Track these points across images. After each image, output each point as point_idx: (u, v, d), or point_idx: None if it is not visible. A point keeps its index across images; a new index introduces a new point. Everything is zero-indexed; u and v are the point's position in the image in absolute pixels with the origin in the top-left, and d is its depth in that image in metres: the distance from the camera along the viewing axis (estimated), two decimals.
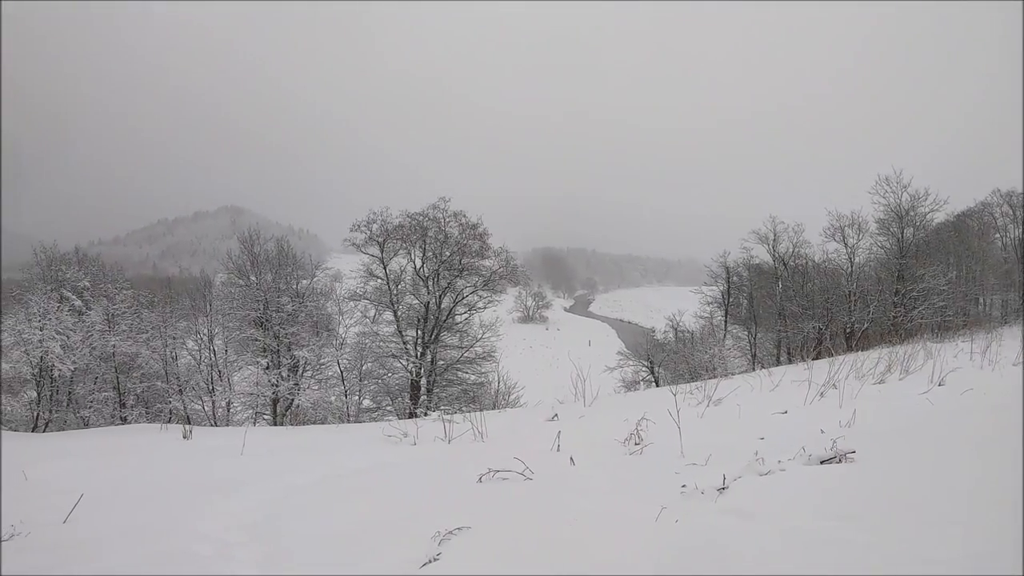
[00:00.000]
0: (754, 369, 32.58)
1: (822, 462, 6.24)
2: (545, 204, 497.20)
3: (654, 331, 59.42)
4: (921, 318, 33.65)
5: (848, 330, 36.22)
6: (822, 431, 7.84)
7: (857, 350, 27.98)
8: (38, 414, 31.31)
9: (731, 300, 45.72)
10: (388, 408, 35.40)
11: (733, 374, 28.31)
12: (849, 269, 37.64)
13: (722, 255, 45.84)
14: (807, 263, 40.79)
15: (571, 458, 8.36)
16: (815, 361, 23.84)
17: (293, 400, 33.02)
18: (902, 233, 37.13)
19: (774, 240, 41.58)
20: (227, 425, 32.38)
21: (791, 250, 41.32)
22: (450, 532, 5.61)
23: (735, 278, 45.48)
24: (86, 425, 31.30)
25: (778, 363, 36.11)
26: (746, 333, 41.66)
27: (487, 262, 36.12)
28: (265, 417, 34.03)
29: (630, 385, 40.08)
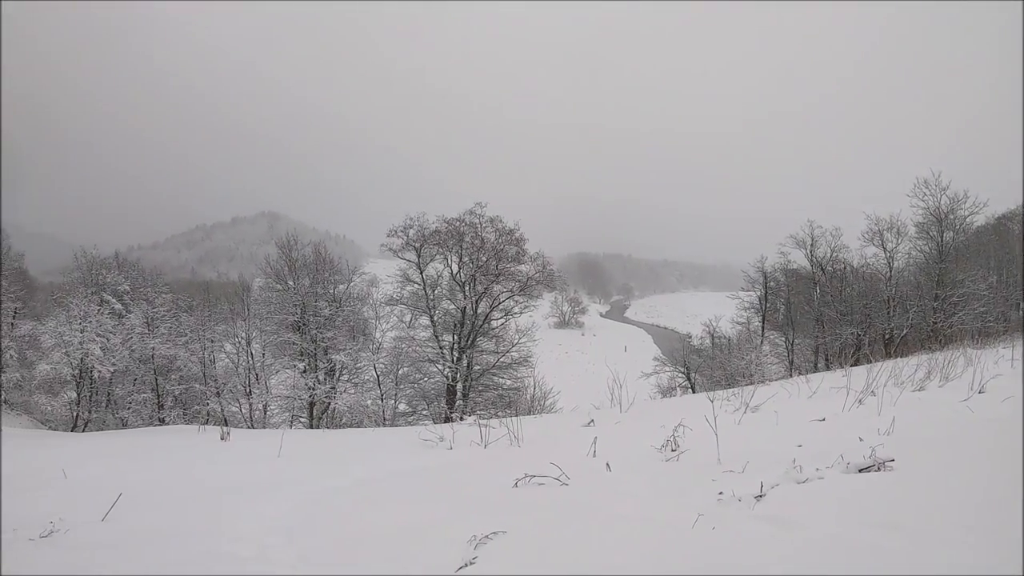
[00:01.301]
0: (791, 375, 32.29)
1: (861, 470, 6.17)
2: (581, 209, 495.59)
3: (690, 337, 59.14)
4: (961, 324, 33.16)
5: (887, 336, 35.79)
6: (860, 439, 7.75)
7: (896, 356, 27.68)
8: (77, 414, 31.75)
9: (768, 305, 45.30)
10: (424, 412, 35.47)
11: (770, 380, 28.10)
12: (888, 274, 37.12)
13: (759, 260, 45.47)
14: (845, 268, 40.33)
15: (607, 464, 8.34)
16: (853, 368, 23.58)
17: (329, 403, 33.17)
18: (941, 237, 36.59)
19: (812, 244, 41.14)
20: (264, 427, 32.61)
21: (829, 255, 40.86)
22: (486, 536, 5.61)
23: (772, 283, 45.06)
24: (124, 425, 31.70)
25: (816, 369, 35.76)
26: (783, 339, 41.29)
27: (523, 267, 36.07)
28: (301, 420, 34.24)
29: (666, 391, 39.88)
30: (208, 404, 34.21)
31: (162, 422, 32.59)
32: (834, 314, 37.11)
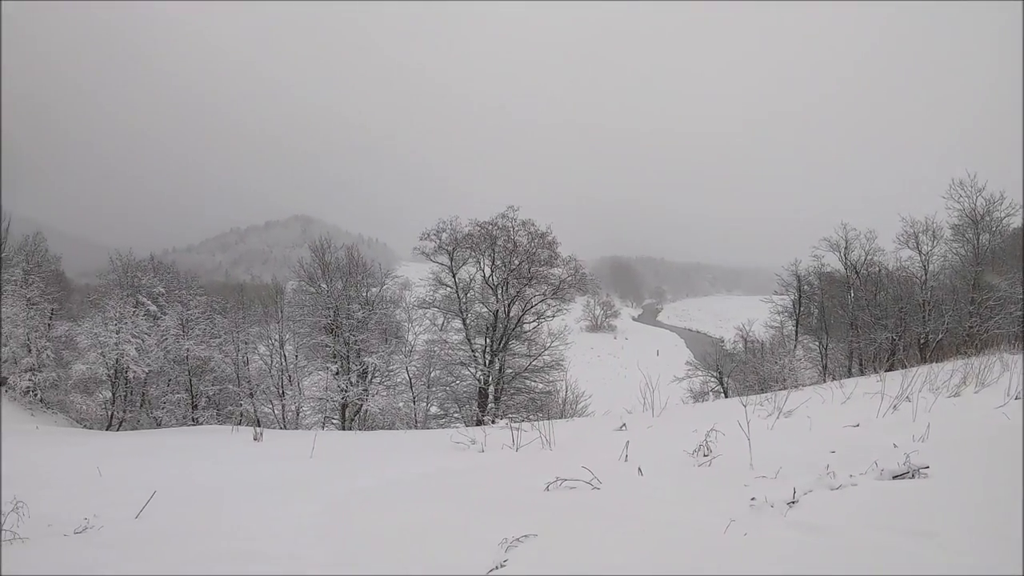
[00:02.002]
0: (825, 380, 32.02)
1: (895, 477, 6.13)
2: (613, 212, 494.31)
3: (723, 341, 58.78)
4: (997, 328, 32.71)
5: (922, 341, 35.38)
6: (895, 445, 7.68)
7: (931, 361, 27.37)
8: (112, 413, 32.12)
9: (802, 309, 44.92)
10: (455, 415, 35.52)
11: (803, 385, 27.91)
12: (923, 277, 36.65)
13: (793, 263, 45.10)
14: (880, 271, 39.90)
15: (639, 468, 8.32)
16: (888, 373, 23.37)
17: (362, 406, 33.32)
18: (977, 239, 36.06)
19: (845, 247, 40.68)
20: (296, 428, 32.79)
21: (863, 258, 40.40)
22: (517, 539, 5.62)
23: (806, 287, 44.65)
24: (158, 425, 32.04)
25: (849, 374, 35.41)
26: (817, 343, 40.94)
27: (556, 270, 36.02)
28: (333, 422, 34.41)
29: (698, 396, 39.66)
30: (241, 405, 34.46)
31: (196, 422, 32.89)
32: (868, 318, 36.68)
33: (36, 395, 32.62)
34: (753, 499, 5.94)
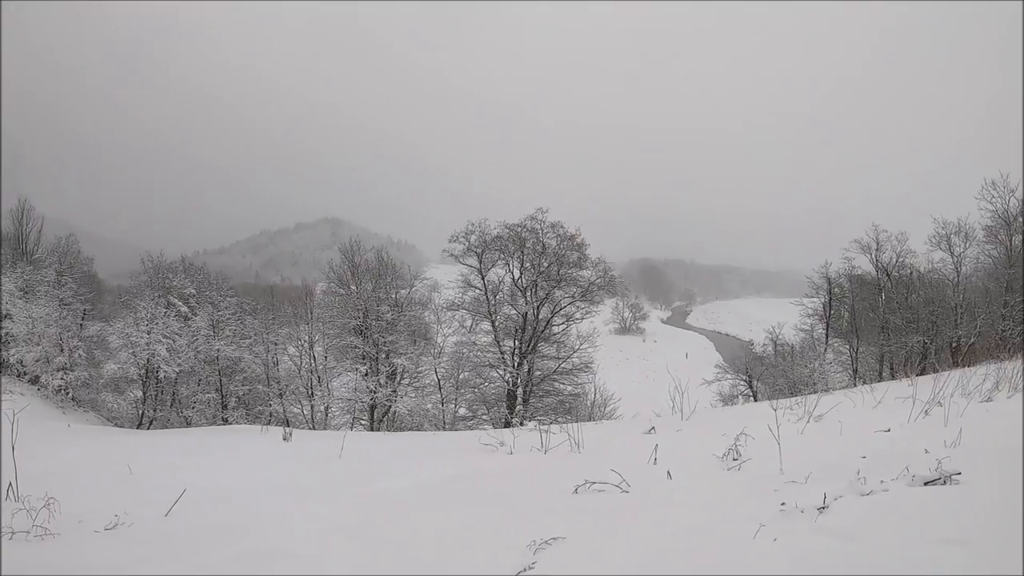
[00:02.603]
0: (855, 384, 31.79)
1: (926, 483, 6.07)
2: (642, 214, 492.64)
3: (752, 344, 58.44)
4: None
5: (954, 344, 34.98)
6: (926, 451, 7.61)
7: (963, 366, 27.11)
8: (143, 412, 32.44)
9: (832, 312, 44.54)
10: (484, 417, 35.55)
11: (834, 389, 27.73)
12: (955, 279, 36.18)
13: (823, 265, 44.69)
14: (911, 273, 39.49)
15: (668, 472, 8.31)
16: (919, 377, 23.18)
17: (390, 407, 33.44)
18: (1010, 241, 35.55)
19: (876, 249, 40.25)
20: (325, 429, 32.96)
21: (894, 260, 39.98)
22: (545, 542, 5.62)
23: (837, 289, 44.25)
24: (188, 424, 32.34)
25: (880, 378, 35.10)
26: (847, 347, 40.61)
27: (585, 272, 35.97)
28: (362, 422, 34.56)
29: (728, 399, 39.48)
30: (271, 405, 34.72)
31: (225, 422, 33.20)
32: (899, 321, 36.30)
33: (68, 393, 32.99)
34: (783, 504, 5.91)
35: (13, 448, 8.34)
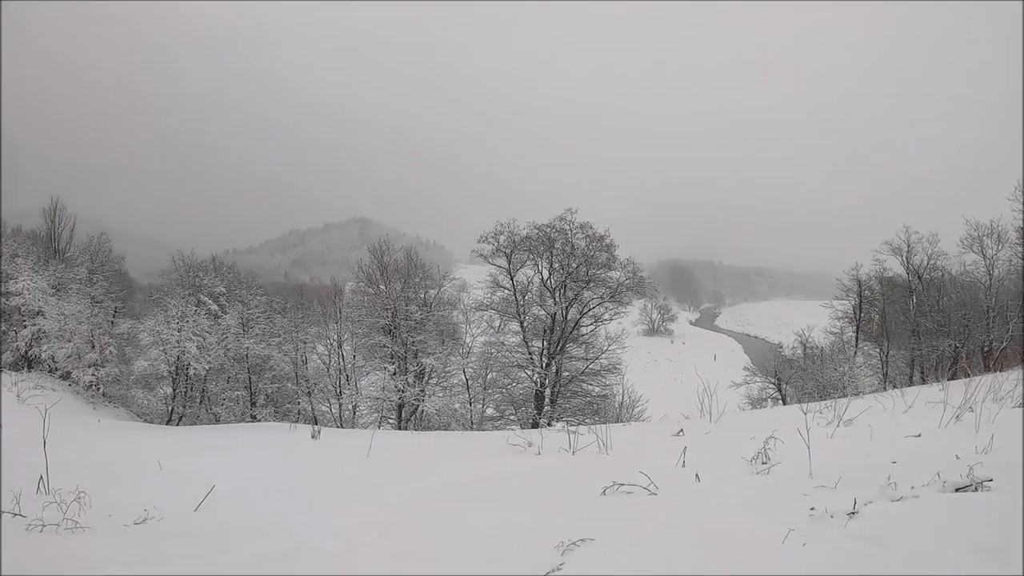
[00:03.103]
0: (885, 388, 31.50)
1: (957, 489, 6.02)
2: (671, 215, 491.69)
3: (781, 346, 58.19)
4: None
5: (986, 348, 34.59)
6: (957, 456, 7.54)
7: (995, 370, 26.83)
8: (173, 408, 32.76)
9: (863, 315, 44.14)
10: (511, 417, 35.56)
11: (863, 393, 27.53)
12: (988, 282, 35.68)
13: (853, 267, 44.31)
14: (943, 276, 39.06)
15: (696, 474, 8.30)
16: (950, 381, 22.95)
17: (418, 406, 33.54)
18: None
19: (908, 251, 39.81)
20: (352, 427, 33.10)
21: (926, 262, 39.54)
22: (573, 543, 5.63)
23: (867, 292, 43.83)
24: (217, 421, 32.62)
25: (911, 383, 34.77)
26: (877, 350, 40.24)
27: (614, 273, 35.86)
28: (390, 421, 34.68)
29: (756, 402, 39.31)
30: (299, 403, 34.93)
31: (254, 419, 33.42)
32: (931, 324, 35.91)
33: (99, 389, 33.32)
34: (812, 509, 5.90)
35: (45, 442, 8.45)
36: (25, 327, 34.47)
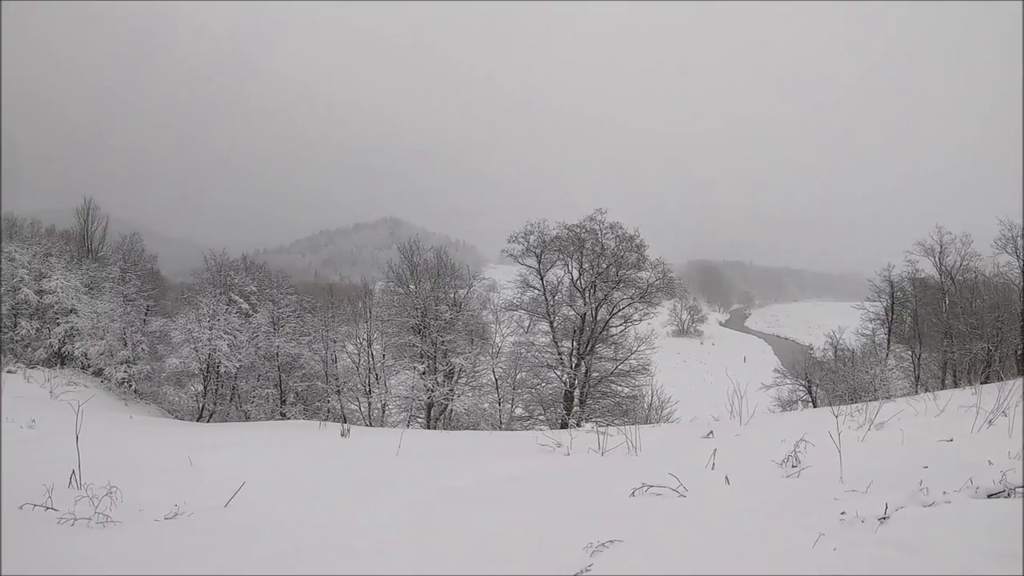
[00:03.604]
0: (917, 392, 31.20)
1: (990, 496, 5.97)
2: (700, 214, 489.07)
3: (812, 348, 57.71)
4: None
5: (1020, 352, 34.16)
6: (990, 462, 7.47)
7: None
8: (203, 405, 33.04)
9: (894, 317, 43.68)
10: (540, 417, 35.53)
11: (895, 396, 27.29)
12: (1022, 284, 35.15)
13: (885, 268, 43.85)
14: (976, 277, 38.58)
15: (726, 477, 8.28)
16: (983, 385, 22.69)
17: (447, 405, 33.62)
18: None
19: (940, 252, 39.30)
20: (381, 426, 33.24)
21: (959, 263, 39.02)
22: (602, 544, 5.64)
23: (899, 293, 43.36)
24: (247, 418, 32.89)
25: (943, 386, 34.38)
26: (909, 353, 39.80)
27: (643, 274, 35.75)
28: (419, 420, 34.78)
29: (786, 404, 39.07)
30: (329, 401, 35.10)
31: (284, 416, 33.67)
32: (963, 327, 35.47)
33: (131, 386, 33.73)
34: (843, 513, 5.86)
35: (77, 438, 8.57)
36: (58, 324, 35.00)
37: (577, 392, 34.36)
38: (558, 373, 34.99)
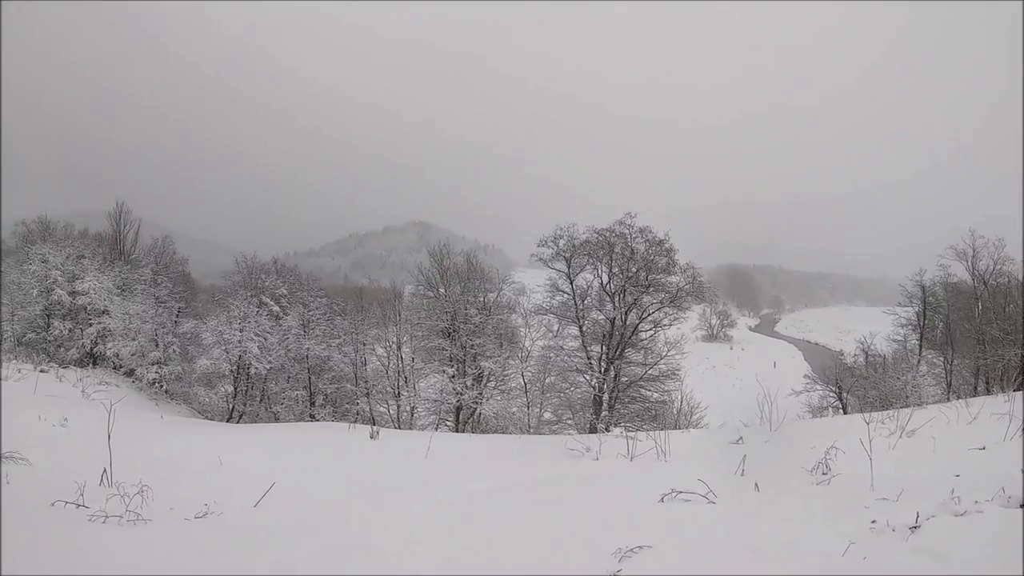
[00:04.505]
0: (949, 399, 30.89)
1: (1022, 505, 5.96)
2: (730, 219, 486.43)
3: (842, 354, 57.26)
4: None
5: None
6: (1023, 471, 7.46)
7: None
8: (233, 406, 33.23)
9: (926, 322, 43.20)
10: (569, 422, 35.43)
11: (926, 403, 27.07)
12: None
13: (917, 273, 43.36)
14: (1009, 282, 38.07)
15: (756, 483, 8.27)
16: (1016, 392, 22.47)
17: (476, 409, 33.67)
18: None
19: (973, 256, 38.78)
20: (410, 428, 33.34)
21: (992, 267, 38.50)
22: (631, 549, 5.66)
23: (931, 298, 42.88)
24: (277, 420, 33.06)
25: (975, 393, 34.00)
26: (941, 359, 39.35)
27: (673, 278, 35.59)
28: (447, 424, 34.81)
29: (816, 411, 38.77)
30: (358, 404, 35.22)
31: (313, 418, 33.80)
32: (996, 333, 35.02)
33: (162, 386, 33.99)
34: (874, 522, 5.86)
35: (109, 436, 8.68)
36: (91, 325, 35.37)
37: (606, 397, 34.26)
38: (587, 377, 34.87)
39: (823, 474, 8.53)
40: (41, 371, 30.35)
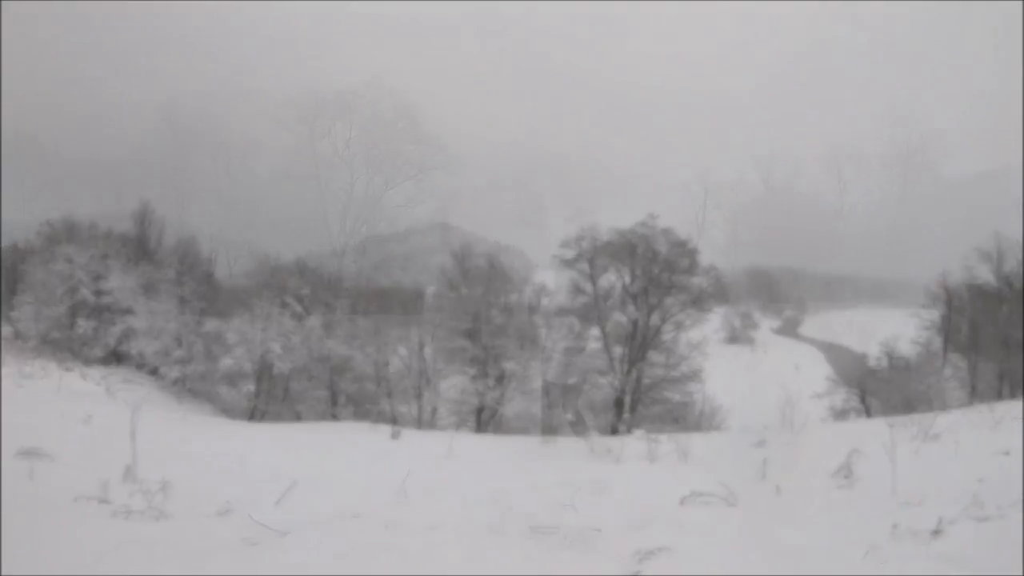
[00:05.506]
0: (972, 403, 30.61)
1: None
2: (753, 218, 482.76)
3: (866, 357, 56.76)
4: None
5: None
6: None
7: None
8: (255, 405, 33.36)
9: (951, 325, 42.76)
10: (590, 423, 35.37)
11: (950, 407, 26.87)
12: None
13: (941, 275, 42.99)
14: None
15: (777, 487, 8.26)
16: None
17: (498, 409, 33.64)
18: None
19: (998, 258, 38.43)
20: (432, 429, 33.38)
21: (1018, 269, 38.09)
22: (650, 552, 5.64)
23: (955, 301, 42.45)
24: (299, 419, 33.13)
25: (1000, 397, 33.66)
26: (966, 362, 38.95)
27: (696, 280, 35.49)
28: (469, 424, 34.82)
29: (839, 414, 38.51)
30: (379, 403, 35.26)
31: (335, 418, 33.86)
32: (1021, 336, 34.68)
33: (185, 385, 34.25)
34: (895, 526, 5.83)
35: (132, 433, 8.76)
36: (115, 324, 35.68)
37: (628, 398, 34.16)
38: (609, 379, 34.80)
39: (845, 478, 8.51)
40: (66, 370, 30.61)
